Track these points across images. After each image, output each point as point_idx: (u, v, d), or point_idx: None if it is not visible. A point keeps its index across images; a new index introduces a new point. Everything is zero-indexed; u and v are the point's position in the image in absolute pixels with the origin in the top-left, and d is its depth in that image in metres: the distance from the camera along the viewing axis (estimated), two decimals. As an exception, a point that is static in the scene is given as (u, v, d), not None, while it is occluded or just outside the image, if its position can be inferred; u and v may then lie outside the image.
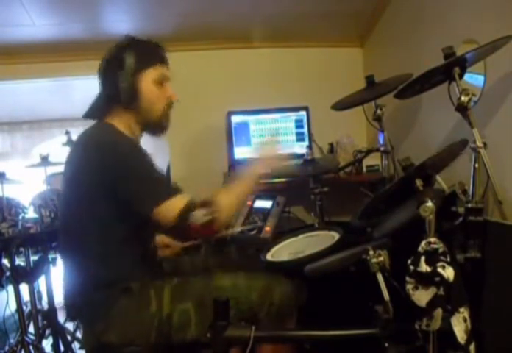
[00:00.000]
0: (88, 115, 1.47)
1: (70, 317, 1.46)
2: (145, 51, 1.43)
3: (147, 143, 1.51)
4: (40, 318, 2.42)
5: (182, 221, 1.24)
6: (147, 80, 1.41)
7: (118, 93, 1.38)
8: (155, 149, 1.38)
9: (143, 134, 1.50)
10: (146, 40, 1.46)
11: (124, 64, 1.38)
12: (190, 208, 1.24)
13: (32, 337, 2.31)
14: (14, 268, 2.23)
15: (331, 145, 2.81)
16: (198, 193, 1.27)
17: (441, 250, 1.05)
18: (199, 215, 1.23)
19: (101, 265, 1.31)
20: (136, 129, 1.46)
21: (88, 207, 1.31)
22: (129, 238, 1.34)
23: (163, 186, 1.34)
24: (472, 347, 1.07)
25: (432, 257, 1.04)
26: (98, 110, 1.45)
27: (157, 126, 1.48)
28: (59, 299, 2.49)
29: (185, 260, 1.63)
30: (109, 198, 1.28)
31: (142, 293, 1.32)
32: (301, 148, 2.65)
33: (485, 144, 1.52)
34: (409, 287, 1.04)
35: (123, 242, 1.32)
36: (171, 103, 1.48)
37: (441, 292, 1.01)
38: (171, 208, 1.25)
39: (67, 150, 2.42)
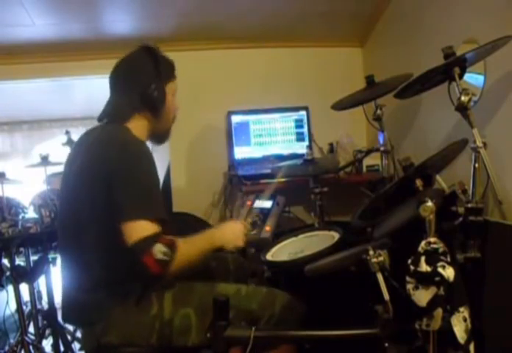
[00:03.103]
0: (107, 117, 1.45)
1: (67, 319, 1.44)
2: (169, 64, 1.51)
3: (147, 143, 1.51)
4: (40, 318, 2.42)
5: (140, 247, 1.19)
6: (170, 92, 1.49)
7: (147, 100, 1.42)
8: (155, 149, 1.38)
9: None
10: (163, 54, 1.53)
11: (155, 73, 1.43)
12: (153, 239, 1.20)
13: (32, 337, 2.31)
14: (14, 268, 2.23)
15: (331, 145, 2.80)
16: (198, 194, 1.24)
17: (441, 250, 1.05)
18: (159, 251, 1.19)
19: (103, 265, 1.30)
20: (145, 136, 1.48)
21: (90, 207, 1.30)
22: None
23: (155, 204, 1.29)
24: (472, 347, 1.07)
25: (432, 257, 1.04)
26: (119, 114, 1.43)
27: (163, 136, 1.58)
28: (59, 299, 2.50)
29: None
30: (111, 197, 1.26)
31: (143, 294, 1.31)
32: (301, 148, 2.66)
33: (485, 144, 1.52)
34: (409, 287, 1.04)
35: (124, 242, 1.31)
36: (176, 116, 1.58)
37: (441, 292, 1.01)
38: (137, 229, 1.21)
39: (67, 150, 2.45)
